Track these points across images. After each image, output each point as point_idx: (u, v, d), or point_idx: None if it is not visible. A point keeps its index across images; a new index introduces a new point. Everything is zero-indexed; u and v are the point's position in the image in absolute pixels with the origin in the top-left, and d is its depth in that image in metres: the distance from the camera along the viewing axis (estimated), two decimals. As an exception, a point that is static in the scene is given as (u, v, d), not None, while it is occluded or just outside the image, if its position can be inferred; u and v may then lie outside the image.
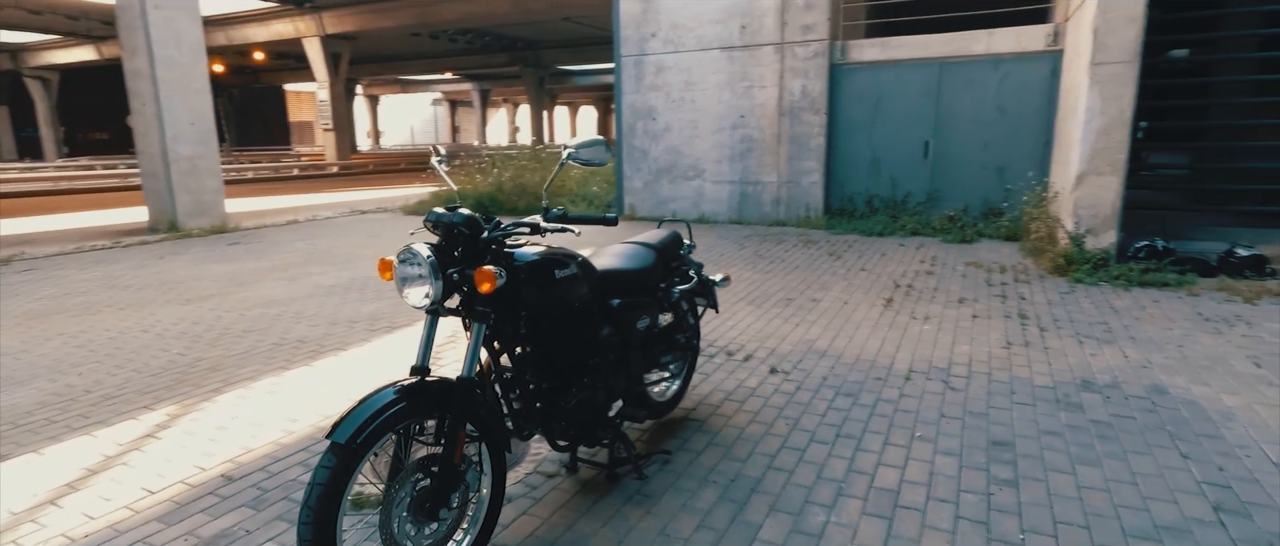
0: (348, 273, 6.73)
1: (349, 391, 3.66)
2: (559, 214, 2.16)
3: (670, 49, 9.34)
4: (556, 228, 2.12)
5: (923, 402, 3.38)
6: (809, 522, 2.39)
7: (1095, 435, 2.97)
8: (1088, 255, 5.78)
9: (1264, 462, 2.70)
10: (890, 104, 8.41)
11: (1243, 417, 3.10)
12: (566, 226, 2.14)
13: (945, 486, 2.60)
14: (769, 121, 8.91)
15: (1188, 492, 2.50)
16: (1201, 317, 4.61)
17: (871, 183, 8.71)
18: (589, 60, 35.98)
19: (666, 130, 9.56)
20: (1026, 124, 7.81)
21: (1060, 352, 4.02)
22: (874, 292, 5.52)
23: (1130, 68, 5.56)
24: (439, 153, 2.45)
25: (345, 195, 16.03)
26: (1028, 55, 7.73)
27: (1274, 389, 3.41)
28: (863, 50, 8.52)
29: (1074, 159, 5.93)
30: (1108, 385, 3.51)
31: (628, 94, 9.74)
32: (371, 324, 4.95)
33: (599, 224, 2.15)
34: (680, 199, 9.62)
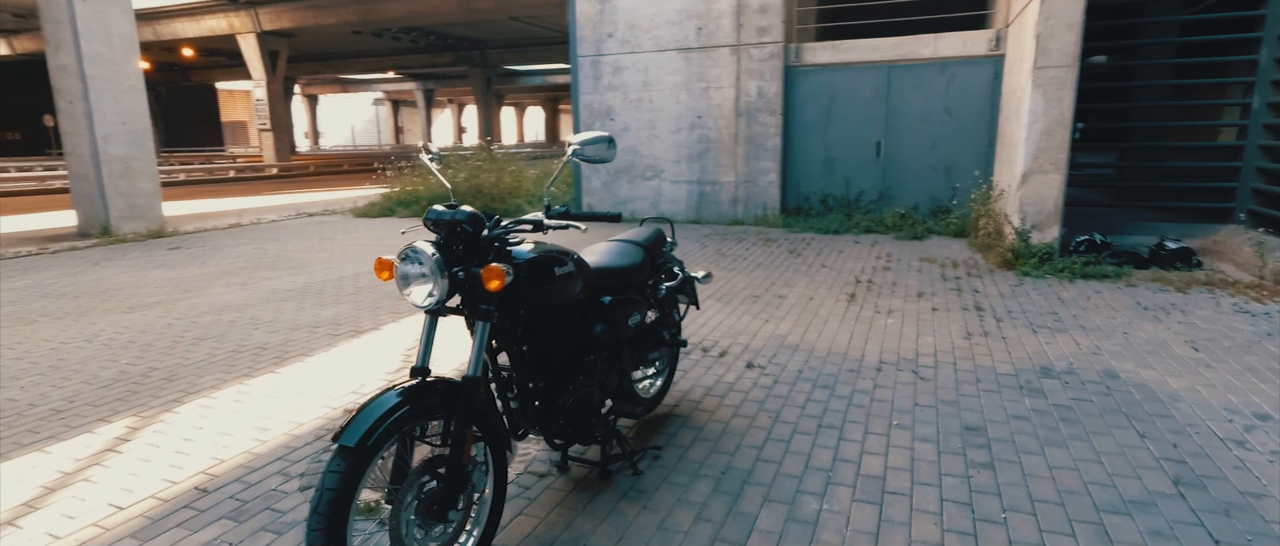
0: (303, 277, 6.51)
1: (321, 398, 3.56)
2: (561, 211, 2.16)
3: (627, 50, 9.37)
4: (560, 225, 2.12)
5: (896, 392, 3.49)
6: (803, 511, 2.45)
7: (1059, 418, 3.14)
8: (1034, 249, 6.08)
9: (1212, 439, 2.90)
10: (843, 105, 8.65)
11: (1188, 398, 3.32)
12: (571, 224, 2.13)
13: (927, 471, 2.70)
14: (726, 122, 9.04)
15: (1148, 469, 2.67)
16: (1141, 307, 4.91)
17: (826, 182, 8.93)
18: (537, 61, 35.70)
19: (625, 130, 9.58)
20: (971, 125, 8.15)
21: (1017, 342, 4.22)
22: (837, 288, 5.67)
23: (1070, 71, 5.87)
24: (430, 150, 2.41)
25: (288, 198, 15.48)
26: (972, 59, 8.07)
27: (1213, 371, 3.66)
28: (816, 53, 8.74)
29: (1019, 158, 6.23)
30: (1065, 371, 3.71)
31: (585, 94, 9.72)
32: (335, 328, 4.80)
33: (603, 220, 2.16)
34: (639, 199, 9.66)
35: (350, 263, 7.18)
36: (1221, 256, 6.23)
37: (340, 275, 6.57)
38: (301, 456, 2.93)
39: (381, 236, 8.91)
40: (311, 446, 3.02)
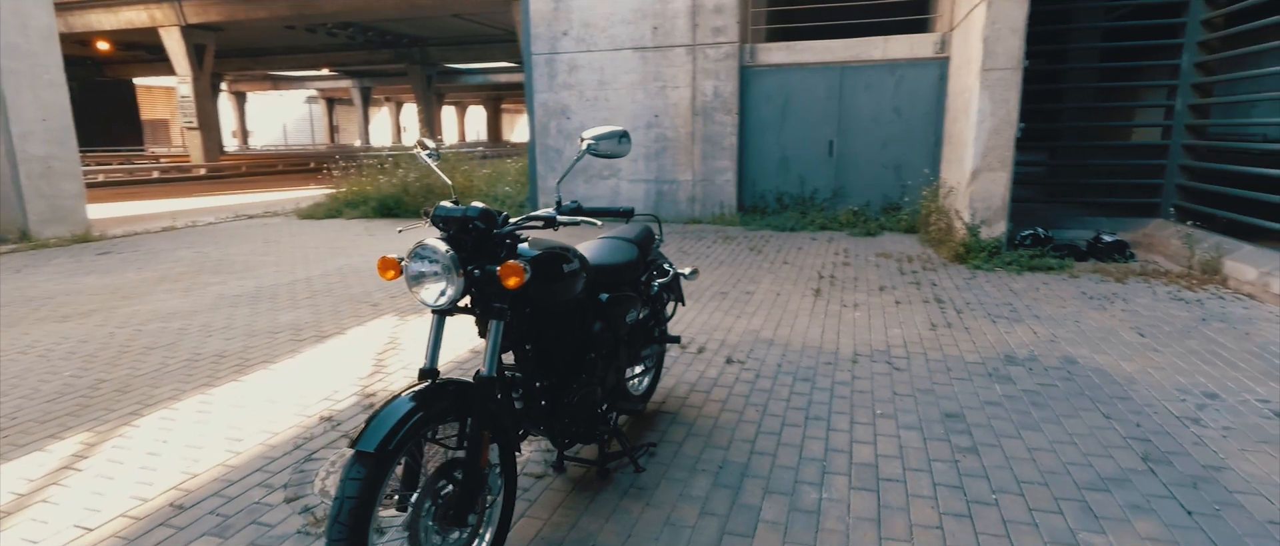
0: (252, 281, 6.23)
1: (293, 405, 3.41)
2: (573, 206, 2.13)
3: (583, 48, 9.32)
4: (572, 221, 2.09)
5: (874, 383, 3.59)
6: (804, 501, 2.50)
7: (1029, 403, 3.29)
8: (983, 244, 6.35)
9: (1170, 418, 3.09)
10: (797, 105, 8.84)
11: (1142, 380, 3.53)
12: (585, 219, 2.11)
13: (916, 457, 2.79)
14: (683, 121, 9.11)
15: (1118, 447, 2.82)
16: (1086, 297, 5.19)
17: (781, 180, 9.10)
18: (479, 59, 35.10)
19: (581, 129, 9.52)
20: (919, 124, 8.45)
21: (979, 332, 4.40)
22: (801, 284, 5.79)
23: (1015, 73, 6.16)
24: (427, 145, 2.34)
25: (222, 199, 14.76)
26: (919, 61, 8.37)
27: (1160, 355, 3.91)
28: (770, 53, 8.89)
29: (968, 156, 6.49)
30: (1027, 358, 3.89)
31: (540, 92, 9.62)
32: (296, 333, 4.61)
33: (614, 215, 2.14)
34: (596, 198, 9.63)
35: (301, 265, 6.90)
36: (1152, 248, 6.66)
37: (292, 279, 6.31)
38: (282, 467, 2.80)
39: (332, 238, 8.60)
40: (291, 456, 2.89)
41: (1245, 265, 5.22)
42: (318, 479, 2.70)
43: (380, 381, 3.73)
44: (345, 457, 2.85)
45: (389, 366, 3.97)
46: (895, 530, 2.31)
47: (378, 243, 8.22)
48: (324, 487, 2.63)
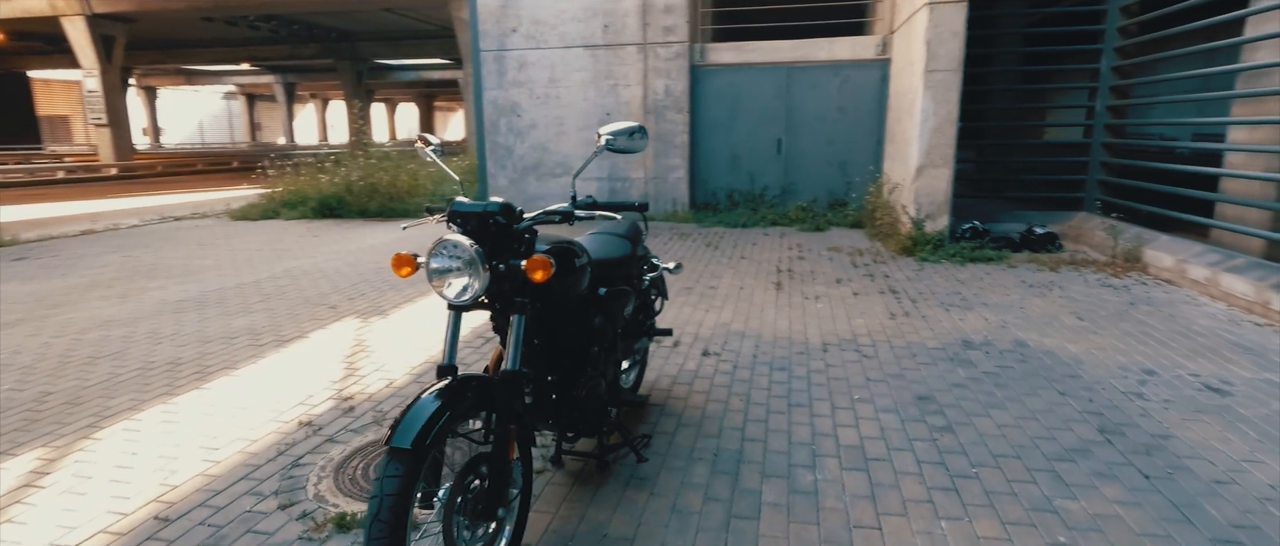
0: (195, 285, 5.93)
1: (267, 412, 3.29)
2: (588, 201, 2.16)
3: (532, 45, 9.26)
4: (588, 215, 2.12)
5: (846, 370, 3.75)
6: (801, 482, 2.60)
7: (991, 384, 3.51)
8: (928, 237, 6.68)
9: (1117, 393, 3.36)
10: (747, 104, 9.04)
11: (1087, 360, 3.82)
12: (602, 214, 2.14)
13: (897, 437, 2.94)
14: (635, 119, 9.15)
15: (1076, 421, 3.06)
16: (1026, 285, 5.55)
17: (732, 178, 9.29)
18: (412, 54, 34.16)
19: (532, 127, 9.47)
20: (863, 123, 8.79)
21: (935, 320, 4.64)
22: (762, 278, 5.95)
23: (955, 75, 6.50)
24: (429, 141, 2.32)
25: (141, 200, 13.90)
26: (861, 62, 8.70)
27: (1099, 337, 4.22)
28: (720, 53, 9.06)
29: (913, 154, 6.81)
30: (983, 343, 4.14)
31: (489, 90, 9.50)
32: (254, 338, 4.44)
33: (629, 210, 2.17)
34: (549, 196, 9.58)
35: (246, 268, 6.61)
36: (1078, 239, 7.15)
37: (238, 282, 6.04)
38: (268, 473, 2.71)
39: (273, 240, 8.26)
40: (276, 462, 2.80)
41: (1163, 253, 5.69)
42: (310, 484, 2.63)
43: (355, 385, 3.64)
44: (335, 457, 2.78)
45: (361, 369, 3.87)
46: (890, 505, 2.44)
47: (324, 245, 7.95)
48: (318, 492, 2.57)
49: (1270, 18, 5.22)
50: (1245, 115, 5.62)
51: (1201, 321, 4.47)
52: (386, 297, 5.45)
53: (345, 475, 2.71)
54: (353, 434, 3.06)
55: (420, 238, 8.10)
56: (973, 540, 2.22)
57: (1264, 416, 3.07)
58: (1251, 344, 4.02)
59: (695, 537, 2.27)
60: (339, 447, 2.93)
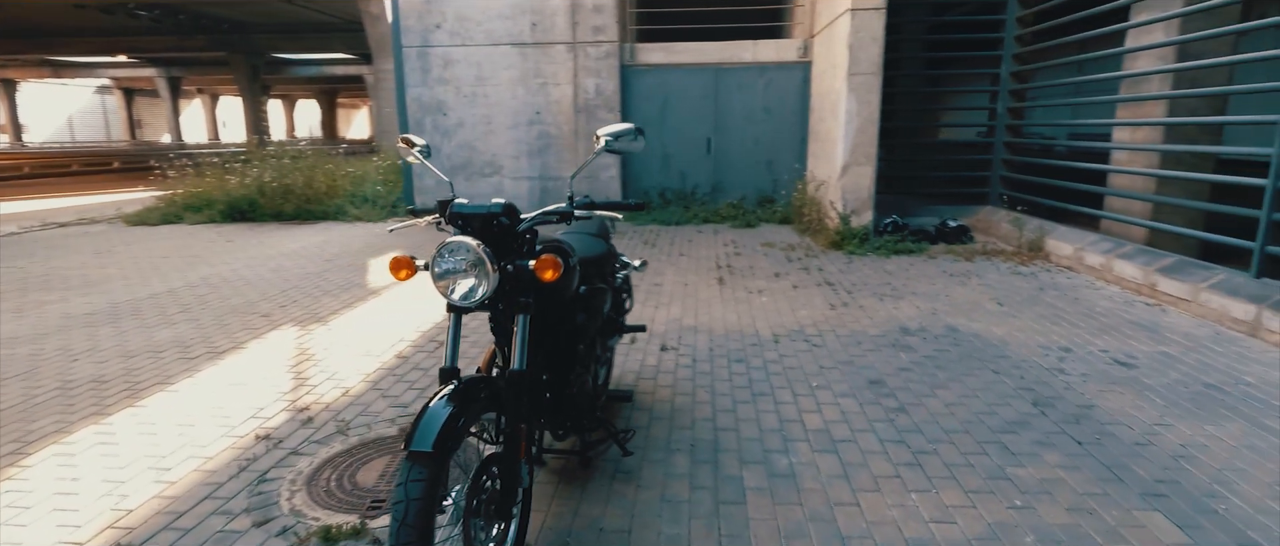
0: (101, 297, 5.48)
1: (218, 427, 3.12)
2: (586, 200, 2.18)
3: (458, 42, 9.06)
4: (587, 214, 2.14)
5: (799, 359, 3.93)
6: (777, 466, 2.73)
7: (932, 367, 3.77)
8: (855, 231, 7.04)
9: (1041, 370, 3.69)
10: (676, 104, 9.21)
11: (1012, 341, 4.17)
12: (602, 213, 2.17)
13: (859, 420, 3.12)
14: (566, 118, 9.15)
15: (1012, 397, 3.34)
16: (947, 274, 5.96)
17: (663, 177, 9.44)
18: (314, 48, 32.45)
19: (459, 126, 9.27)
20: (787, 123, 9.14)
21: (872, 309, 4.92)
22: (703, 274, 6.10)
23: (876, 78, 6.89)
24: (413, 141, 2.27)
25: (11, 205, 12.59)
26: (785, 64, 9.05)
27: (1018, 320, 4.61)
28: (649, 53, 9.18)
29: (838, 152, 7.16)
30: (919, 329, 4.43)
31: (413, 87, 9.23)
32: (184, 351, 4.16)
33: (627, 210, 2.21)
34: (479, 197, 9.38)
35: (156, 278, 6.16)
36: (986, 231, 7.73)
37: (151, 292, 5.63)
38: (233, 491, 2.58)
39: (180, 247, 7.71)
40: (239, 479, 2.67)
41: (1063, 243, 6.26)
42: (283, 499, 2.52)
43: (309, 395, 3.49)
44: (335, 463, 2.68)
45: (311, 378, 3.72)
46: (863, 483, 2.60)
47: (240, 250, 7.50)
48: (294, 507, 2.47)
49: (1151, 29, 5.84)
50: (1127, 117, 6.26)
51: (1101, 303, 4.96)
52: (322, 304, 5.23)
53: (319, 487, 2.61)
54: (318, 445, 2.95)
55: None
56: (942, 509, 2.41)
57: (1166, 385, 3.46)
58: (1146, 322, 4.51)
59: (689, 525, 2.35)
60: (305, 460, 2.82)
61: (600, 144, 2.20)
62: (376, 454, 2.88)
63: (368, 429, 3.11)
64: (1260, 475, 2.60)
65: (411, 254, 1.98)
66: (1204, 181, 5.43)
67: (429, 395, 1.79)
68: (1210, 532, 2.25)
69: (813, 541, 2.24)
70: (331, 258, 7.00)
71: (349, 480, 2.67)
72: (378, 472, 2.72)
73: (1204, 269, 4.78)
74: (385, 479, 2.67)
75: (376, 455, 2.87)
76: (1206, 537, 2.22)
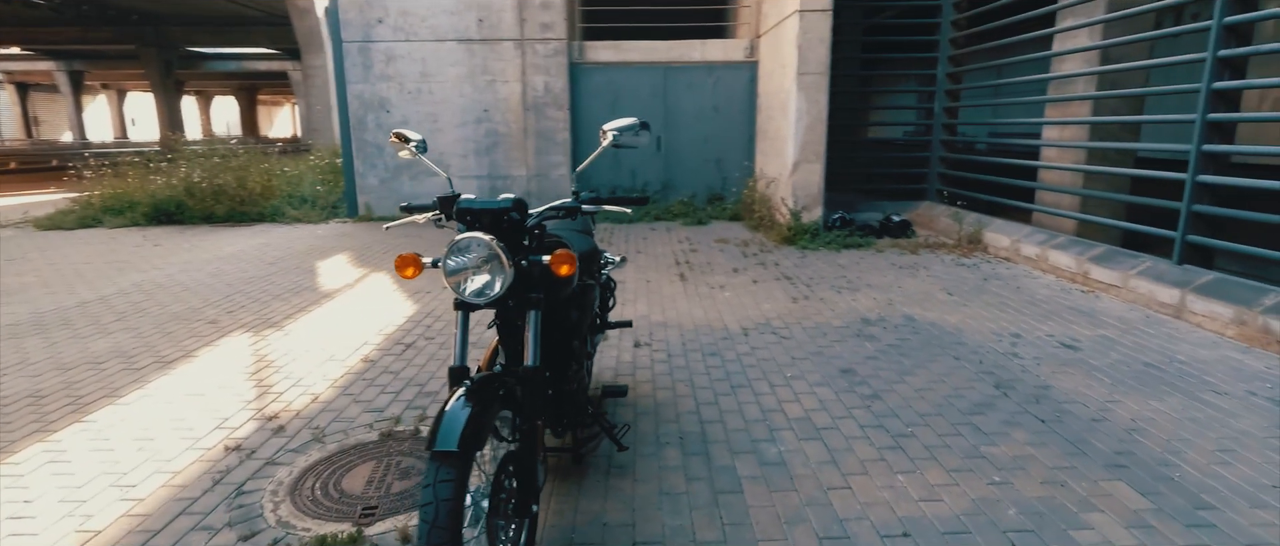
0: (22, 306, 5.08)
1: (181, 440, 2.96)
2: (591, 196, 2.18)
3: (401, 37, 8.82)
4: (594, 209, 2.14)
5: (771, 351, 4.02)
6: (767, 454, 2.79)
7: (897, 355, 3.93)
8: (805, 227, 7.24)
9: (997, 355, 3.90)
10: (626, 102, 9.23)
11: (966, 329, 4.39)
12: (609, 207, 2.17)
13: (837, 408, 3.23)
14: (515, 116, 9.04)
15: (976, 381, 3.52)
16: (897, 267, 6.21)
17: (614, 175, 9.45)
18: (234, 43, 30.89)
19: (403, 123, 9.02)
20: (735, 122, 9.30)
21: (832, 301, 5.08)
22: (664, 271, 6.15)
23: (824, 78, 7.10)
24: (408, 137, 2.22)
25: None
26: (733, 64, 9.20)
27: (968, 308, 4.85)
28: (598, 51, 9.17)
29: (789, 150, 7.35)
30: (879, 320, 4.61)
31: (354, 83, 8.92)
32: (129, 362, 3.92)
33: (631, 204, 2.22)
34: (425, 196, 9.17)
35: (82, 284, 5.75)
36: (926, 225, 8.08)
37: (79, 300, 5.26)
38: (210, 505, 2.45)
39: (104, 252, 7.23)
40: (215, 492, 2.54)
41: (1000, 235, 6.61)
42: (267, 511, 2.42)
43: (275, 403, 3.34)
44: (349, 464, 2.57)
45: (275, 385, 3.56)
46: (850, 467, 2.69)
47: (172, 255, 7.09)
48: (281, 518, 2.37)
49: (1076, 33, 6.24)
50: (1056, 116, 6.67)
51: (1041, 291, 5.28)
52: (274, 309, 5.01)
53: (303, 496, 2.51)
54: (294, 454, 2.83)
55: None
56: (928, 488, 2.52)
57: (1110, 365, 3.72)
58: (1083, 307, 4.82)
59: (691, 516, 2.38)
60: (284, 469, 2.71)
61: (608, 139, 2.20)
62: (359, 460, 2.79)
63: (345, 435, 3.01)
64: (1204, 444, 2.83)
65: (416, 252, 1.93)
66: (1128, 176, 5.84)
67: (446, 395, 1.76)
68: (1169, 497, 2.44)
69: (813, 525, 2.31)
70: (275, 261, 6.70)
71: (335, 488, 2.58)
72: (364, 479, 2.64)
73: (1132, 257, 5.15)
74: (372, 485, 2.60)
75: (359, 461, 2.78)
76: (1167, 502, 2.41)
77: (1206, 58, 4.48)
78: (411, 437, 2.97)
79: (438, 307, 5.00)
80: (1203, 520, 2.30)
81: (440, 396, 3.40)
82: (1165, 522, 2.29)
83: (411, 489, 2.56)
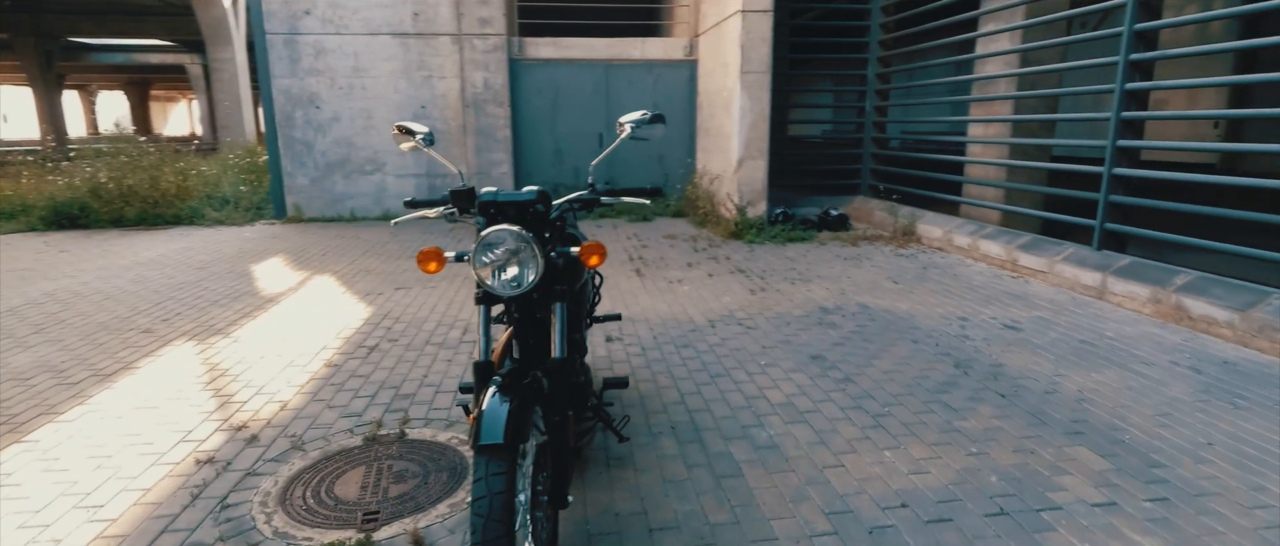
0: (-82, 320, 4.59)
1: (146, 454, 2.76)
2: (607, 188, 2.18)
3: (331, 30, 8.46)
4: (612, 200, 2.15)
5: (740, 341, 4.13)
6: (758, 439, 2.88)
7: (860, 340, 4.12)
8: (751, 221, 7.44)
9: (951, 338, 4.15)
10: (568, 99, 9.19)
11: (918, 314, 4.64)
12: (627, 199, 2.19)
13: (815, 392, 3.36)
14: (453, 113, 8.84)
15: (936, 362, 3.74)
16: (842, 258, 6.47)
17: (556, 172, 9.39)
18: (122, 33, 28.58)
19: (335, 120, 8.66)
20: (676, 119, 9.42)
21: (788, 293, 5.25)
22: (619, 267, 6.18)
23: (766, 76, 7.31)
24: (415, 131, 2.16)
25: None
26: (673, 62, 9.32)
27: (915, 295, 5.13)
28: (538, 47, 9.09)
29: (734, 147, 7.52)
30: (836, 308, 4.80)
31: (280, 78, 8.49)
32: (61, 375, 3.62)
33: (646, 195, 2.24)
34: (360, 195, 8.85)
35: (-15, 295, 5.24)
36: (862, 218, 8.45)
37: (-15, 312, 4.79)
38: (192, 521, 2.32)
39: (4, 261, 6.59)
40: (196, 508, 2.39)
41: (933, 227, 7.01)
42: (261, 523, 2.30)
43: (241, 412, 3.17)
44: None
45: (236, 394, 3.37)
46: (839, 446, 2.81)
47: (83, 261, 6.55)
48: (277, 529, 2.26)
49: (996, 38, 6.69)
50: (980, 115, 7.12)
51: (977, 278, 5.64)
52: (214, 316, 4.72)
53: (295, 505, 2.41)
54: (275, 463, 2.70)
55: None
56: (913, 462, 2.68)
57: (1050, 343, 4.03)
58: (1017, 292, 5.19)
59: (699, 501, 2.43)
60: (268, 480, 2.58)
61: (626, 131, 2.22)
62: (347, 466, 2.69)
63: (326, 442, 2.89)
64: (1144, 409, 3.12)
65: (436, 246, 1.90)
66: (1050, 170, 6.30)
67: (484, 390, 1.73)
68: (1125, 458, 2.68)
69: (816, 502, 2.41)
70: (203, 265, 6.30)
71: (327, 495, 2.48)
72: (357, 484, 2.55)
73: (1056, 245, 5.58)
74: (368, 490, 2.51)
75: (347, 467, 2.68)
76: (1123, 462, 2.65)
77: (1119, 61, 4.91)
78: (397, 441, 2.89)
79: (394, 309, 4.85)
80: (1157, 477, 2.55)
81: (418, 399, 3.32)
82: (1126, 481, 2.52)
83: (410, 492, 2.50)
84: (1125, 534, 2.21)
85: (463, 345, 4.09)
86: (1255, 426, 2.94)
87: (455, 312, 4.76)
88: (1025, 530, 2.23)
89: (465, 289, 5.37)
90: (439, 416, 3.13)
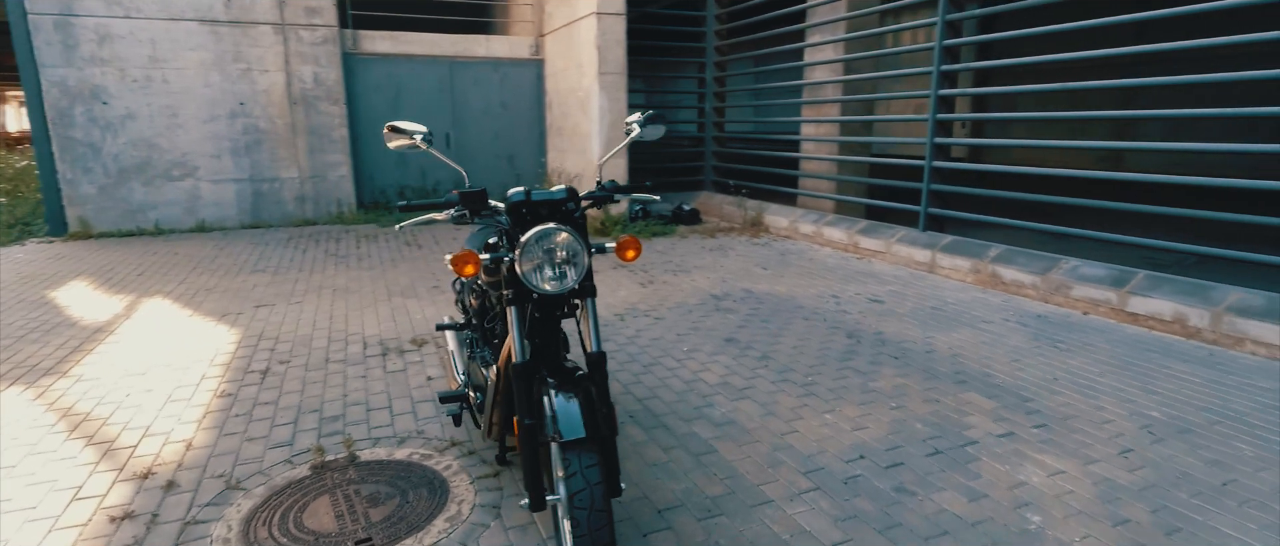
0: None
1: (41, 519, 2.30)
2: (611, 185, 2.22)
3: (119, 13, 7.24)
4: (623, 198, 2.19)
5: (655, 331, 4.31)
6: (714, 416, 3.08)
7: (758, 322, 4.50)
8: (615, 219, 7.65)
9: (833, 313, 4.68)
10: (410, 97, 8.72)
11: (797, 295, 5.15)
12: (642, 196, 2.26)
13: (743, 371, 3.64)
14: (279, 110, 8.00)
15: (831, 334, 4.21)
16: (707, 250, 6.91)
17: (401, 174, 8.88)
18: None
19: (129, 118, 7.43)
20: (525, 119, 9.35)
21: (677, 284, 5.54)
22: (499, 268, 6.06)
23: (623, 77, 7.55)
24: (410, 129, 2.04)
25: None
26: (519, 61, 9.23)
27: (786, 279, 5.67)
28: (375, 42, 8.52)
29: (593, 146, 7.68)
30: (726, 294, 5.17)
31: (52, 67, 7.10)
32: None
33: (642, 191, 2.31)
34: (167, 203, 7.69)
35: None
36: (711, 212, 9.04)
37: None
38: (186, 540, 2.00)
39: None
40: (171, 526, 2.06)
41: (779, 218, 7.73)
42: (257, 530, 2.05)
43: (138, 458, 2.73)
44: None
45: (121, 439, 2.88)
46: (785, 414, 3.11)
47: None
48: (256, 537, 2.03)
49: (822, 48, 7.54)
50: (811, 115, 7.97)
51: (830, 261, 6.35)
52: (34, 354, 3.92)
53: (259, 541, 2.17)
54: (214, 507, 2.39)
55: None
56: (853, 421, 3.04)
57: (910, 311, 4.71)
58: (866, 271, 5.94)
59: (690, 478, 2.57)
60: (217, 525, 2.28)
61: (634, 131, 2.27)
62: (306, 497, 2.45)
63: (265, 477, 2.60)
64: (1001, 358, 3.80)
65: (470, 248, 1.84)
66: (879, 164, 7.25)
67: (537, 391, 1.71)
68: (1005, 397, 3.27)
69: (791, 465, 2.66)
70: (-22, 295, 5.14)
71: (300, 529, 2.26)
72: (330, 514, 2.35)
73: (890, 228, 6.46)
74: (345, 518, 2.32)
75: (307, 498, 2.45)
76: (1005, 401, 3.23)
77: (933, 71, 5.82)
78: (351, 465, 2.68)
79: (267, 329, 4.37)
80: (1031, 409, 3.15)
81: (350, 419, 3.08)
82: (1013, 414, 3.09)
83: (395, 513, 2.35)
84: (1030, 455, 2.73)
85: (369, 361, 3.83)
86: (1078, 362, 3.73)
87: (342, 326, 4.41)
88: (959, 462, 2.67)
89: (340, 301, 4.97)
90: (383, 435, 2.94)
